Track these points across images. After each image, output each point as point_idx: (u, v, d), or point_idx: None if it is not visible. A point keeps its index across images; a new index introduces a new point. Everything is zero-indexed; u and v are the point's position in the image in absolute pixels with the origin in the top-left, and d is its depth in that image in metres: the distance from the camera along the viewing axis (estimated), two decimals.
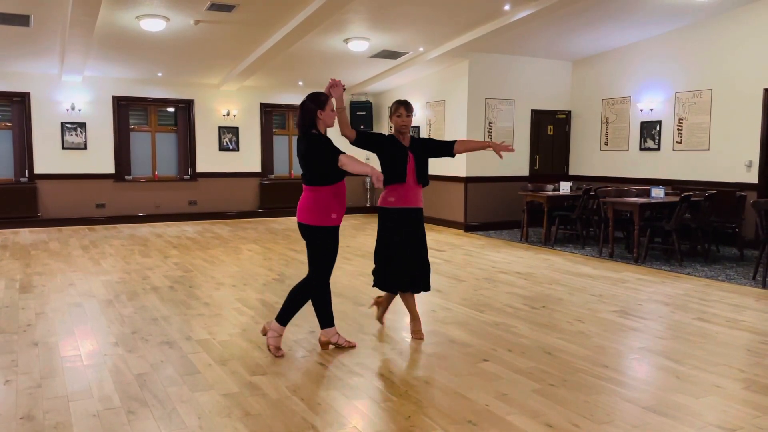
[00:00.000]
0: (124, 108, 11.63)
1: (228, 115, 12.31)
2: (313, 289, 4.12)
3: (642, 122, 10.01)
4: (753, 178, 8.50)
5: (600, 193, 8.44)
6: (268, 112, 12.82)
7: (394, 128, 4.45)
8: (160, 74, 11.27)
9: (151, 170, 11.99)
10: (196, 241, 9.46)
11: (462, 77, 10.55)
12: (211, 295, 5.89)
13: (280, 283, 6.46)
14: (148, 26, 8.04)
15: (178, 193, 12.07)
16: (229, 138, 12.38)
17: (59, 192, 11.08)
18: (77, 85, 11.06)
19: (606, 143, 10.71)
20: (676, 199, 7.65)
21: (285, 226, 11.37)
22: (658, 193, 8.03)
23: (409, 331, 4.60)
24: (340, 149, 3.89)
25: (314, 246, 4.05)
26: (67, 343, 4.40)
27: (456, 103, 10.75)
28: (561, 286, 6.33)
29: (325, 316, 4.22)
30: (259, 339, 4.50)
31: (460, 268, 7.31)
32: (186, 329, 4.75)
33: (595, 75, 10.89)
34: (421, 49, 10.05)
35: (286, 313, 4.13)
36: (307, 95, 4.04)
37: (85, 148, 11.22)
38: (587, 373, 3.84)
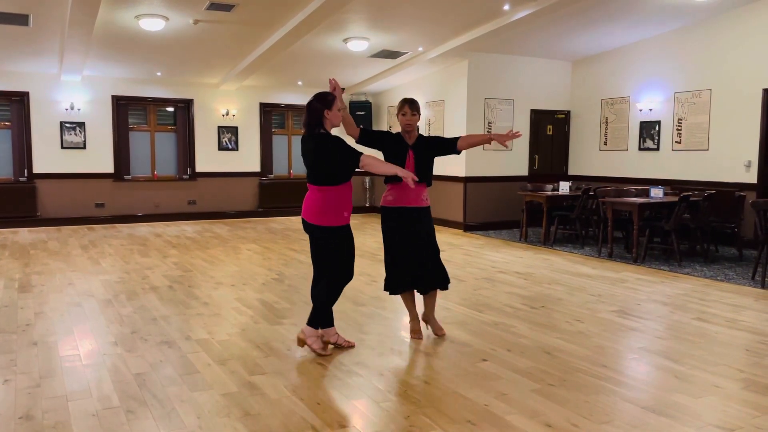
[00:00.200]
0: (124, 107, 11.63)
1: (227, 114, 12.31)
2: (333, 287, 4.10)
3: (641, 122, 10.01)
4: (752, 178, 8.51)
5: (599, 193, 8.45)
6: (268, 112, 12.82)
7: (401, 126, 4.44)
8: (159, 74, 11.27)
9: (151, 170, 11.99)
10: (196, 240, 9.46)
11: (461, 77, 10.55)
12: (211, 295, 5.89)
13: (279, 282, 6.46)
14: (148, 26, 8.04)
15: (177, 193, 12.07)
16: (228, 138, 12.37)
17: (58, 191, 11.07)
18: (76, 85, 11.06)
19: (605, 143, 10.72)
20: (675, 199, 7.65)
21: (284, 225, 11.36)
22: (657, 193, 8.03)
23: (408, 330, 4.60)
24: (358, 150, 3.91)
25: (332, 247, 4.04)
26: (66, 342, 4.40)
27: (455, 103, 10.75)
28: (560, 286, 6.33)
29: (318, 316, 4.20)
30: (258, 339, 4.50)
31: (459, 268, 7.31)
32: (185, 329, 4.75)
33: (594, 75, 10.89)
34: (420, 49, 10.05)
35: (318, 316, 4.14)
36: (314, 95, 4.04)
37: (85, 148, 11.21)
38: (586, 372, 3.84)
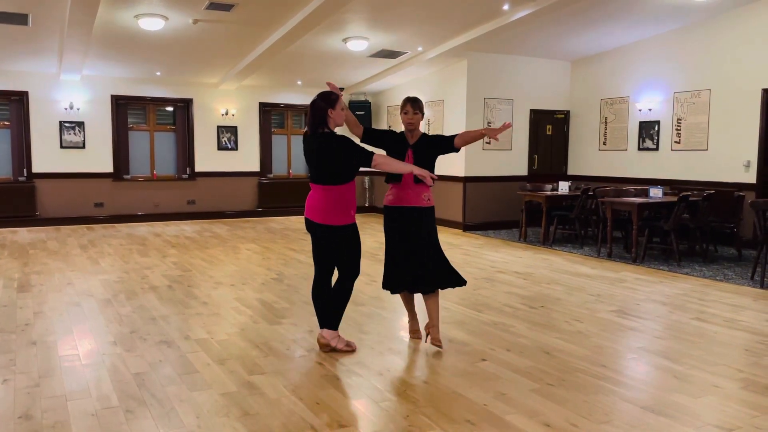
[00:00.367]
0: (123, 107, 11.62)
1: (227, 114, 12.30)
2: (346, 286, 4.11)
3: (640, 122, 10.01)
4: (751, 178, 8.51)
5: (598, 193, 8.45)
6: (267, 112, 12.81)
7: (403, 125, 4.43)
8: (158, 73, 11.26)
9: (150, 169, 11.98)
10: (195, 240, 9.45)
11: (461, 77, 10.55)
12: (210, 295, 5.88)
13: (278, 282, 6.46)
14: (147, 25, 8.03)
15: (176, 193, 12.06)
16: (227, 137, 12.37)
17: (57, 191, 11.06)
18: (76, 84, 11.05)
19: (604, 143, 10.72)
20: (675, 199, 7.65)
21: (283, 225, 11.36)
22: (656, 193, 8.03)
23: (407, 330, 4.60)
24: (368, 149, 3.93)
25: (336, 245, 4.04)
26: (65, 342, 4.40)
27: (455, 103, 10.75)
28: (559, 286, 6.33)
29: (336, 318, 4.18)
30: (257, 338, 4.50)
31: (458, 267, 7.28)
32: (184, 328, 4.75)
33: (593, 75, 10.90)
34: (419, 49, 10.05)
35: (335, 317, 4.14)
36: (317, 94, 4.04)
37: (84, 147, 11.21)
38: (585, 372, 3.84)
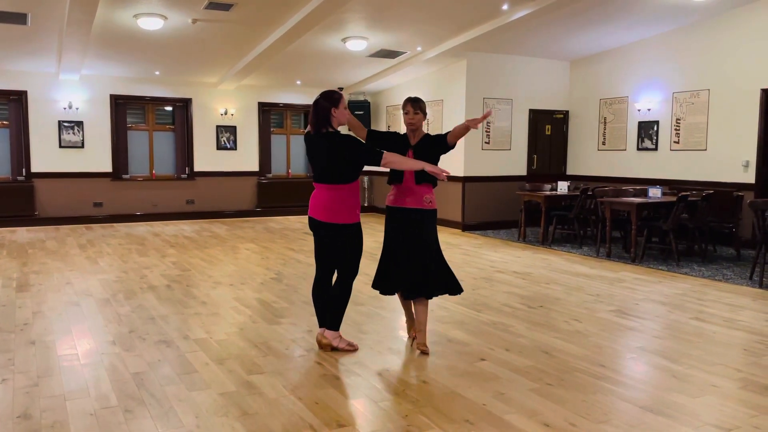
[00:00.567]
0: (122, 107, 11.61)
1: (226, 114, 12.30)
2: (346, 286, 4.11)
3: (639, 122, 10.02)
4: (750, 178, 8.52)
5: (597, 193, 8.46)
6: (266, 111, 12.81)
7: (405, 125, 4.41)
8: (157, 73, 11.25)
9: (149, 169, 11.98)
10: (194, 240, 9.45)
11: (460, 77, 10.55)
12: (209, 294, 5.88)
13: (277, 282, 6.46)
14: (146, 25, 8.03)
15: (175, 192, 12.05)
16: (226, 137, 12.36)
17: (56, 191, 11.05)
18: (75, 84, 11.04)
19: (603, 143, 10.72)
20: (674, 198, 7.66)
21: (283, 225, 11.36)
22: (655, 193, 8.04)
23: (406, 330, 4.60)
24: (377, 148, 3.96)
25: (341, 244, 4.05)
26: (64, 341, 4.40)
27: (454, 103, 10.75)
28: (558, 286, 6.33)
29: (338, 318, 4.17)
30: (256, 338, 4.50)
31: (457, 267, 7.31)
32: (183, 328, 4.75)
33: (592, 75, 10.90)
34: (419, 49, 10.05)
35: (336, 318, 4.14)
36: (320, 93, 4.04)
37: (83, 147, 11.20)
38: (584, 372, 3.85)
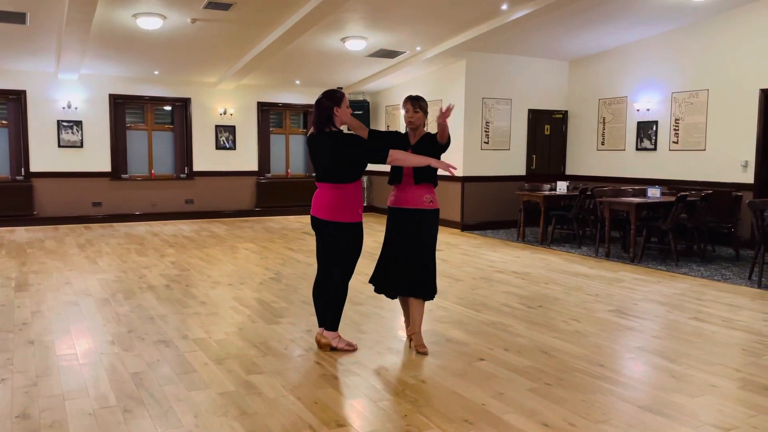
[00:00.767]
0: (121, 106, 11.60)
1: (225, 113, 12.29)
2: (343, 286, 4.10)
3: (638, 122, 10.02)
4: (749, 178, 8.52)
5: (596, 193, 8.46)
6: (265, 111, 12.81)
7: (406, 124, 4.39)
8: (156, 72, 11.25)
9: (148, 169, 11.97)
10: (193, 239, 9.45)
11: (459, 77, 10.55)
12: (208, 294, 5.88)
13: (276, 281, 6.46)
14: (145, 24, 8.02)
15: (174, 192, 12.05)
16: (225, 137, 12.36)
17: (55, 190, 11.05)
18: (74, 83, 11.03)
19: (603, 143, 10.73)
20: (673, 199, 7.66)
21: (282, 225, 11.36)
22: (654, 193, 8.04)
23: (404, 329, 4.60)
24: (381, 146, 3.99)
25: (343, 243, 4.04)
26: (63, 341, 4.39)
27: (453, 103, 10.70)
28: (557, 286, 6.33)
29: (336, 318, 4.17)
30: (255, 338, 4.49)
31: (456, 267, 7.32)
32: (182, 328, 4.75)
33: (591, 75, 10.90)
34: (418, 49, 10.05)
35: (334, 318, 4.14)
36: (323, 93, 4.04)
37: (82, 147, 11.19)
38: (583, 372, 3.85)
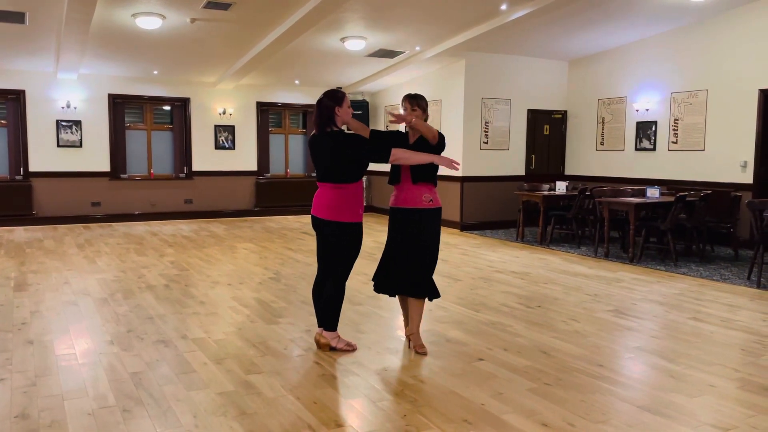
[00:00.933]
0: (120, 106, 11.60)
1: (224, 113, 12.29)
2: (341, 286, 4.10)
3: (638, 122, 10.03)
4: (748, 178, 8.53)
5: (596, 193, 8.46)
6: (265, 111, 12.80)
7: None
8: (156, 72, 11.24)
9: (147, 168, 11.96)
10: (192, 239, 9.44)
11: (458, 77, 10.55)
12: (207, 294, 5.88)
13: (276, 281, 6.46)
14: (144, 24, 8.02)
15: (173, 192, 12.04)
16: (225, 136, 12.36)
17: (54, 190, 11.04)
18: (73, 83, 11.03)
19: (602, 143, 10.73)
20: (672, 199, 7.66)
21: (281, 224, 11.35)
22: (653, 193, 8.04)
23: (403, 329, 4.60)
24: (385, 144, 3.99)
25: (344, 243, 4.04)
26: (62, 341, 4.39)
27: (452, 103, 10.76)
28: (556, 286, 6.34)
29: (335, 318, 4.17)
30: (254, 338, 4.49)
31: (456, 267, 7.32)
32: (181, 328, 4.75)
33: (591, 75, 10.91)
34: (417, 49, 10.05)
35: (333, 318, 4.14)
36: (324, 93, 4.05)
37: (81, 146, 11.19)
38: (583, 372, 3.85)
